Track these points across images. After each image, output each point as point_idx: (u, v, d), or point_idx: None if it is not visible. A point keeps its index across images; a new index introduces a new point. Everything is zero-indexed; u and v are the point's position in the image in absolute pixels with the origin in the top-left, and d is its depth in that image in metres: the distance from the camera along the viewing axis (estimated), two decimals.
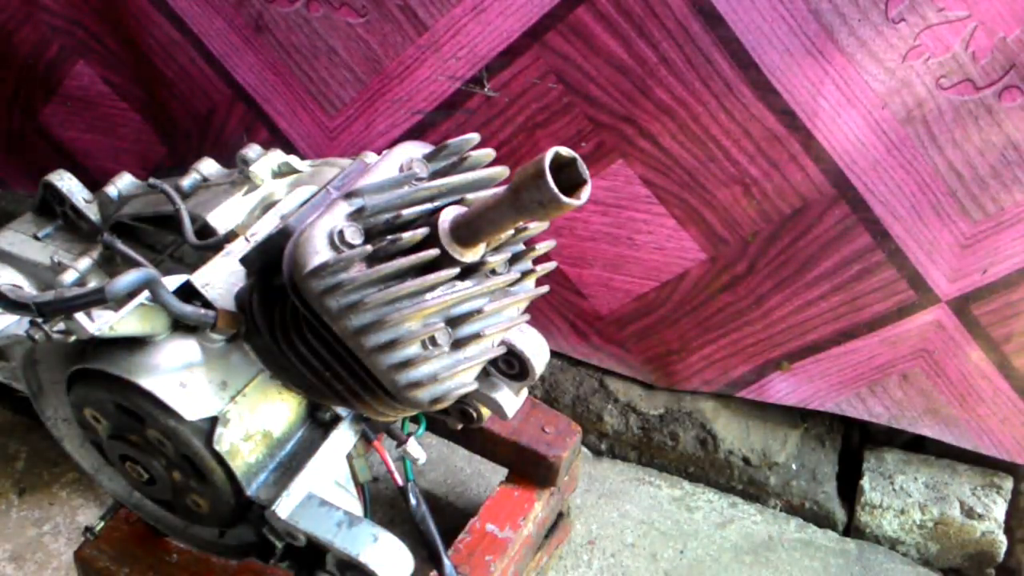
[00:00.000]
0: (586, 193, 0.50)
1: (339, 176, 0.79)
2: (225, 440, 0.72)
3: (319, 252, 0.61)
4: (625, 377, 1.39)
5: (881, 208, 1.10)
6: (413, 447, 0.90)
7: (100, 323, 0.66)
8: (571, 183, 0.50)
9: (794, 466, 1.34)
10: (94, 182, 1.09)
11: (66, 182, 1.07)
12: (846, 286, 1.18)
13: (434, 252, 0.61)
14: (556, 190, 0.48)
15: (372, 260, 0.61)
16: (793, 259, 1.18)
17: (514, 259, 0.69)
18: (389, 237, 0.61)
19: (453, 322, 0.64)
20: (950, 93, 1.00)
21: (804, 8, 0.98)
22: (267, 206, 0.93)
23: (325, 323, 0.62)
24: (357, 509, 0.82)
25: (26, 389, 0.87)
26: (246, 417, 0.73)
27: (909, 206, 1.09)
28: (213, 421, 0.71)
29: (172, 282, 0.72)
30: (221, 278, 0.76)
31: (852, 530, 1.32)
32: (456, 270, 0.61)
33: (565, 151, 0.49)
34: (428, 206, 0.63)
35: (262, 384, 0.75)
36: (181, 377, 0.71)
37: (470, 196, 0.65)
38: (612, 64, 1.08)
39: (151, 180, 0.97)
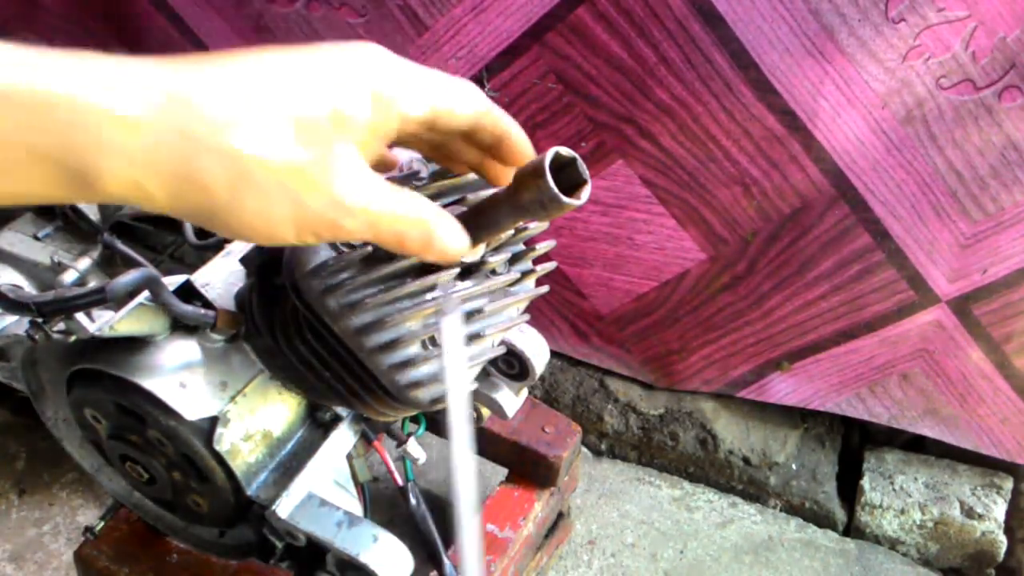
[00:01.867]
0: (586, 193, 0.49)
1: None
2: (225, 440, 0.72)
3: (319, 252, 0.61)
4: (625, 377, 1.39)
5: (881, 208, 1.10)
6: (413, 447, 0.90)
7: (100, 323, 0.66)
8: (571, 183, 0.49)
9: (794, 466, 1.34)
10: None
11: None
12: (846, 286, 1.18)
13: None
14: (556, 190, 0.48)
15: (372, 260, 0.61)
16: (793, 259, 1.18)
17: (514, 259, 0.69)
18: None
19: None
20: (950, 93, 1.00)
21: (804, 8, 0.98)
22: None
23: (325, 323, 0.62)
24: (357, 509, 0.82)
25: (26, 389, 0.87)
26: (246, 417, 0.73)
27: (909, 206, 1.09)
28: (213, 421, 0.71)
29: (172, 282, 0.72)
30: (221, 278, 0.76)
31: (852, 530, 1.32)
32: (456, 270, 0.61)
33: (565, 151, 0.49)
34: None
35: (262, 384, 0.75)
36: (181, 377, 0.71)
37: (470, 196, 0.65)
38: (612, 64, 1.08)
39: None
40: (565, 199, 0.48)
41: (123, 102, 0.34)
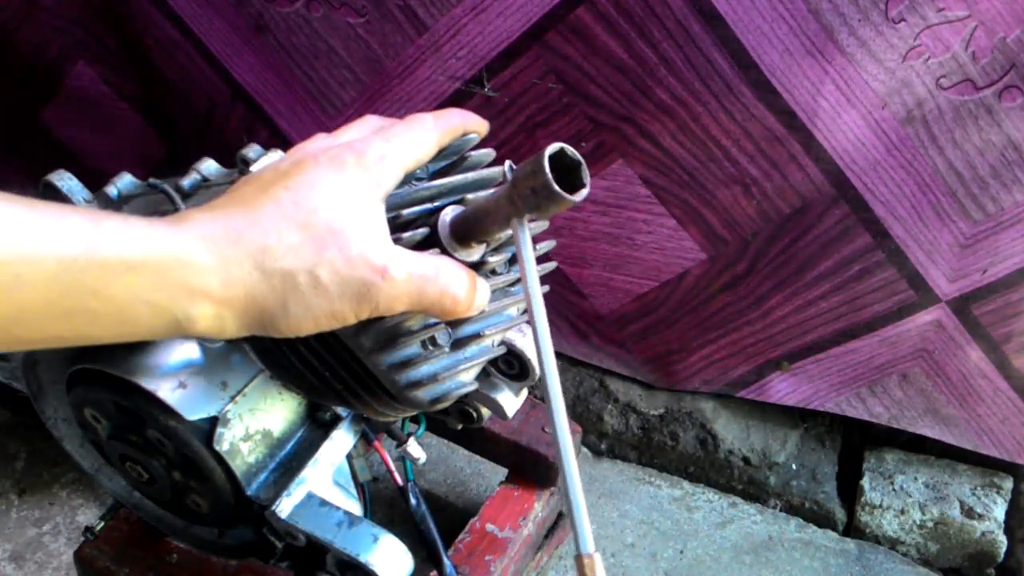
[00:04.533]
0: (584, 192, 0.50)
1: None
2: (225, 440, 0.72)
3: None
4: (625, 377, 1.39)
5: (881, 208, 1.10)
6: (413, 447, 0.90)
7: None
8: (573, 186, 0.50)
9: (794, 466, 1.34)
10: (94, 182, 1.09)
11: (66, 182, 1.06)
12: (846, 286, 1.18)
13: (434, 252, 0.61)
14: (554, 184, 0.48)
15: None
16: (793, 259, 1.18)
17: (514, 259, 0.69)
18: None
19: (453, 322, 0.64)
20: (950, 93, 1.00)
21: (804, 8, 0.98)
22: None
23: None
24: (357, 509, 0.82)
25: (26, 389, 0.87)
26: (246, 417, 0.73)
27: (909, 206, 1.09)
28: (213, 421, 0.71)
29: None
30: None
31: (852, 530, 1.32)
32: None
33: (570, 151, 0.49)
34: (428, 206, 0.63)
35: (262, 384, 0.75)
36: (181, 377, 0.71)
37: (469, 196, 0.65)
38: (612, 64, 1.08)
39: (151, 180, 0.97)
40: (561, 192, 0.48)
41: (203, 256, 0.44)
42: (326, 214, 0.47)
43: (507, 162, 0.54)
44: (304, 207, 0.47)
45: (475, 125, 0.63)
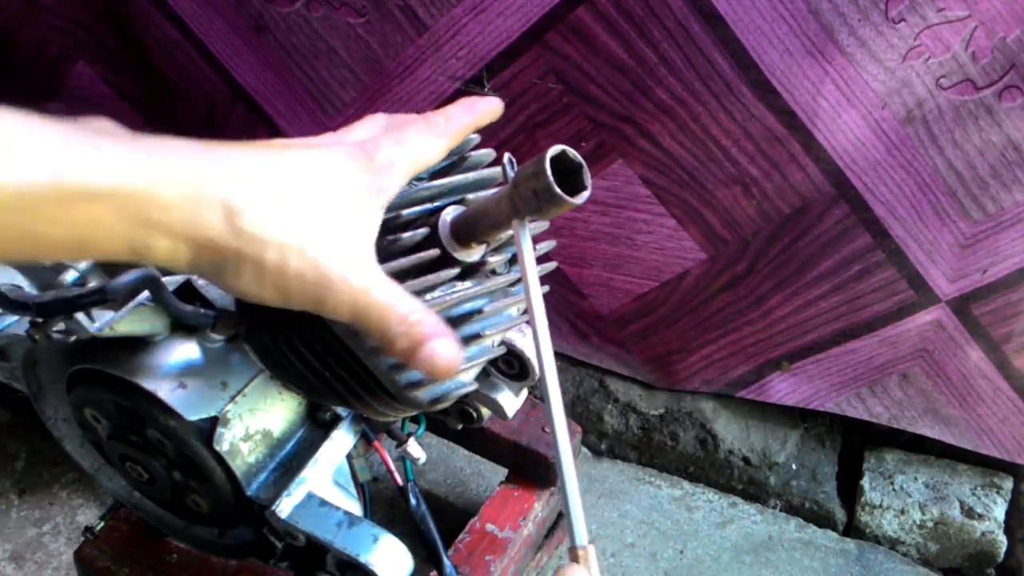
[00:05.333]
0: (584, 195, 0.50)
1: None
2: (225, 440, 0.72)
3: None
4: (625, 377, 1.39)
5: (881, 208, 1.10)
6: (413, 447, 0.90)
7: (100, 323, 0.66)
8: (573, 188, 0.50)
9: (794, 466, 1.34)
10: None
11: None
12: (846, 286, 1.18)
13: (434, 252, 0.61)
14: (556, 186, 0.48)
15: None
16: (793, 259, 1.18)
17: (514, 259, 0.69)
18: (389, 237, 0.61)
19: (453, 322, 0.64)
20: (950, 93, 1.00)
21: (804, 8, 0.98)
22: None
23: (324, 323, 0.62)
24: (357, 509, 0.82)
25: (26, 389, 0.87)
26: (246, 417, 0.73)
27: (909, 206, 1.09)
28: (213, 421, 0.71)
29: (172, 282, 0.72)
30: None
31: (852, 530, 1.32)
32: (456, 270, 0.61)
33: (572, 153, 0.49)
34: (428, 206, 0.63)
35: (262, 384, 0.75)
36: (181, 377, 0.71)
37: (470, 196, 0.65)
38: (612, 64, 1.08)
39: None
40: (562, 195, 0.48)
41: (170, 191, 0.42)
42: (320, 203, 0.46)
43: (507, 154, 0.53)
44: (297, 188, 0.46)
45: (486, 116, 0.61)
